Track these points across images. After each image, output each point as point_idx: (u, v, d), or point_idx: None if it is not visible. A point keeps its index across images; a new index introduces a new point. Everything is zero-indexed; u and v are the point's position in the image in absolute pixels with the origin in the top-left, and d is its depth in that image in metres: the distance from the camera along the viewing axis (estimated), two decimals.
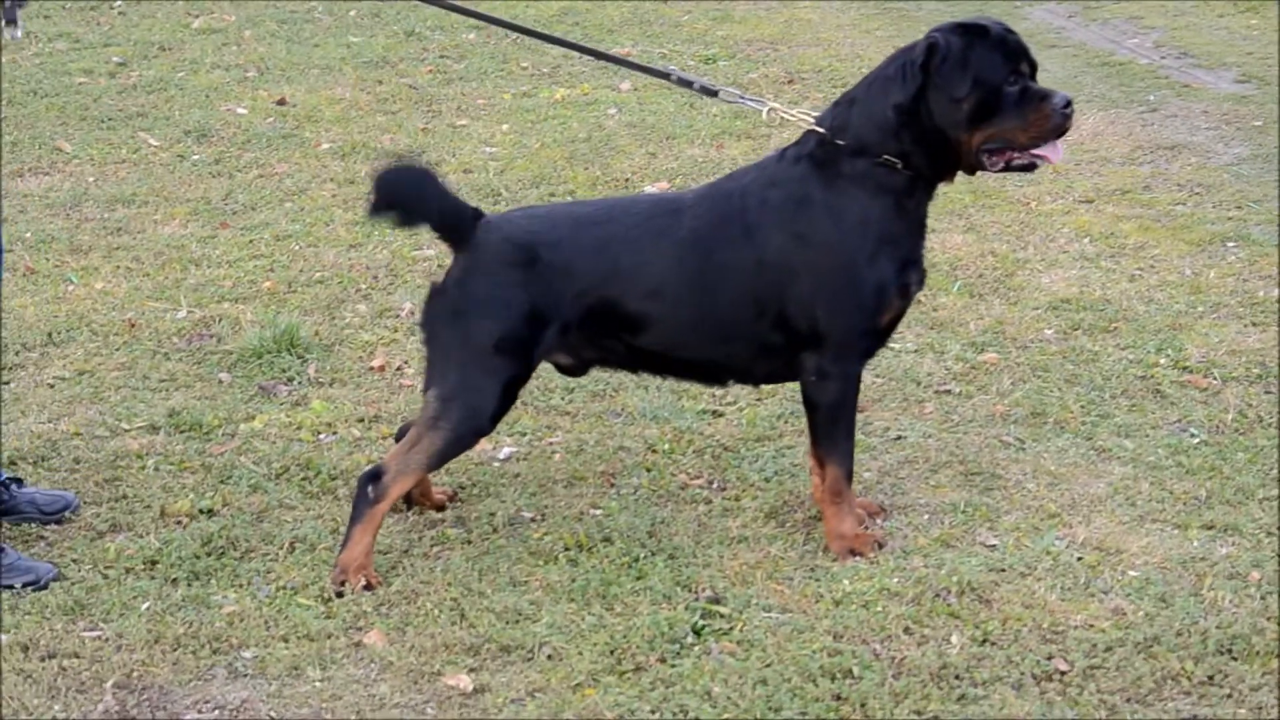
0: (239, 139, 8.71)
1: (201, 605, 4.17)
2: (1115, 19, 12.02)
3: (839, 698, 3.75)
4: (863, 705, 3.72)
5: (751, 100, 4.63)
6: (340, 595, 4.20)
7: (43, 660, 3.93)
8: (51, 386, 5.58)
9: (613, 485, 4.87)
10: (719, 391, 5.49)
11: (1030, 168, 4.35)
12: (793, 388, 5.48)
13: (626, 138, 8.59)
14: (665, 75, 4.82)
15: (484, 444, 5.10)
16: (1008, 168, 4.34)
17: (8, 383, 5.63)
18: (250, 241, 7.08)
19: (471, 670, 3.90)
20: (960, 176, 4.43)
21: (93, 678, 3.86)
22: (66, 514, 4.65)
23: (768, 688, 3.79)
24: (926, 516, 4.64)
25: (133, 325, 6.10)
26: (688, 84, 4.74)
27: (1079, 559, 4.34)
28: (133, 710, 3.74)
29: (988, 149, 4.29)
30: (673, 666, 3.89)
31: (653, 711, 3.72)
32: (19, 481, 4.72)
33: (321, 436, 5.18)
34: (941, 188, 4.45)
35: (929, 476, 4.89)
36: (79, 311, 6.24)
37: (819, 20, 12.08)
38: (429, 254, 6.77)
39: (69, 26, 11.29)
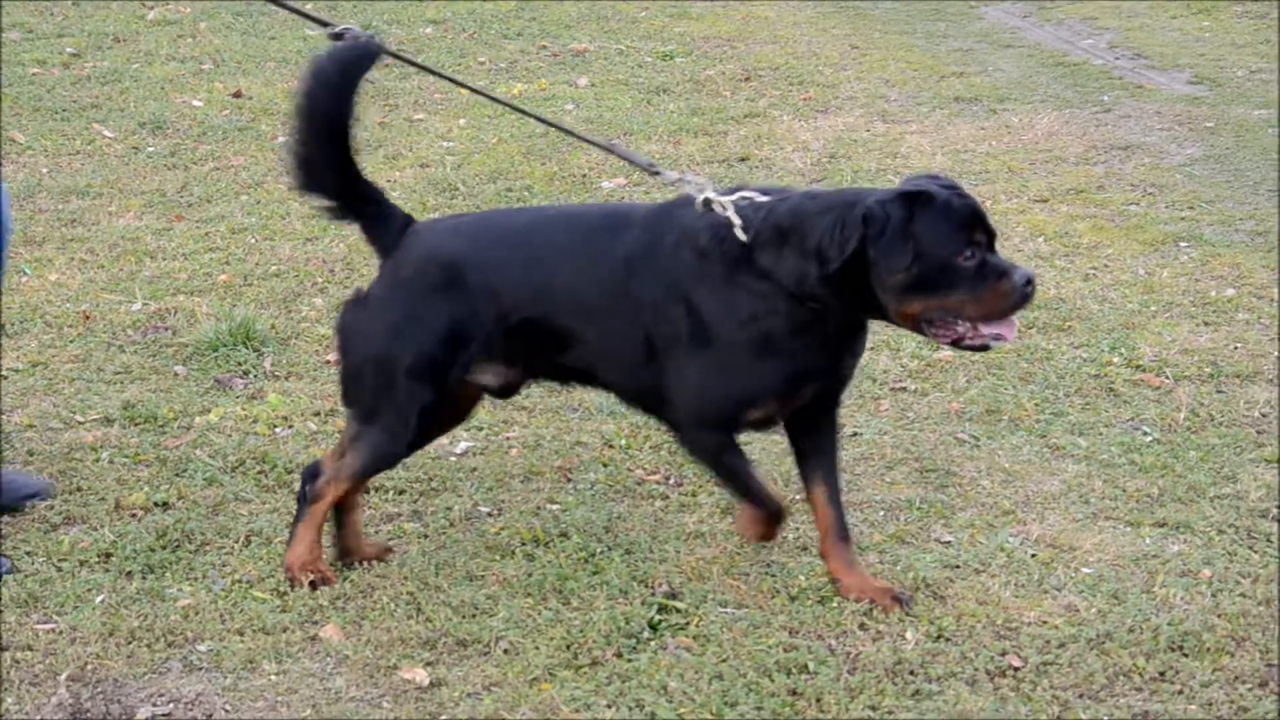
0: (194, 131, 8.68)
1: (156, 598, 4.16)
2: (1070, 19, 12.11)
3: (794, 693, 3.77)
4: (818, 700, 3.74)
5: (691, 183, 4.14)
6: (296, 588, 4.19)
7: None
8: (4, 378, 5.55)
9: (569, 480, 4.88)
10: None
11: (984, 349, 3.92)
12: None
13: (585, 130, 8.58)
14: (609, 149, 4.64)
15: (442, 439, 5.10)
16: (957, 345, 3.89)
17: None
18: (206, 234, 7.05)
19: (427, 664, 3.90)
20: None
21: (46, 671, 3.84)
22: (39, 499, 4.65)
23: (724, 682, 3.80)
24: (882, 513, 4.66)
25: (87, 317, 6.07)
26: (629, 160, 4.54)
27: (1033, 556, 4.37)
28: (87, 704, 3.72)
29: (928, 319, 3.87)
30: (629, 661, 3.89)
31: (609, 706, 3.72)
32: None
33: (277, 430, 5.17)
34: None
35: (884, 473, 4.91)
36: (33, 303, 6.20)
37: (776, 18, 12.12)
38: None
39: (22, 17, 11.21)
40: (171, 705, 3.73)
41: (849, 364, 4.14)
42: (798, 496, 4.48)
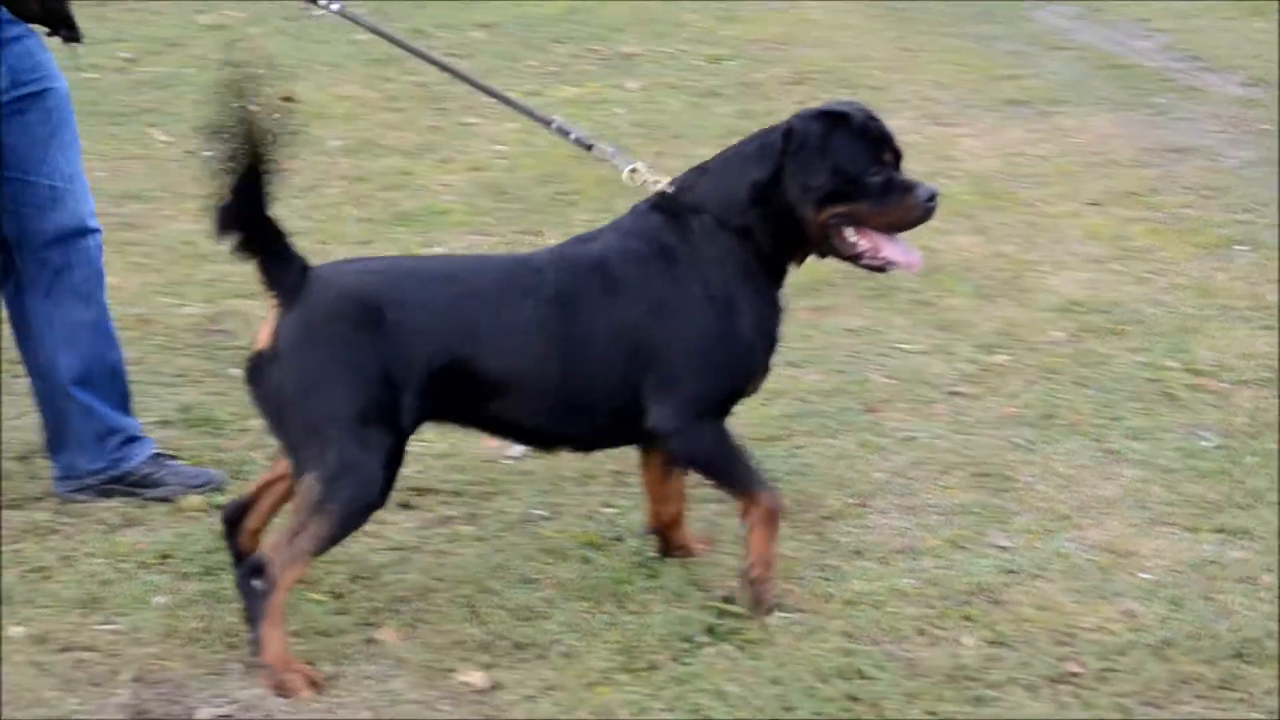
0: None
1: (215, 600, 4.17)
2: (1122, 21, 12.05)
3: (852, 698, 3.76)
4: (876, 706, 3.72)
5: (622, 160, 4.32)
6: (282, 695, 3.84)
7: (58, 653, 3.93)
8: None
9: (624, 484, 4.87)
10: None
11: (880, 269, 4.13)
12: (806, 387, 5.51)
13: (634, 137, 8.59)
14: (546, 123, 4.59)
15: (495, 442, 5.11)
16: (856, 260, 4.11)
17: (18, 377, 5.63)
18: None
19: (485, 667, 3.90)
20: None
21: (108, 671, 3.86)
22: (210, 487, 4.76)
23: (781, 687, 3.79)
24: (938, 518, 4.65)
25: (144, 320, 6.10)
26: (564, 134, 4.53)
27: (1091, 561, 4.35)
28: (148, 704, 3.74)
29: (835, 224, 4.06)
30: (686, 665, 3.89)
31: (666, 710, 3.72)
32: (169, 457, 4.88)
33: None
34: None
35: (940, 478, 4.90)
36: None
37: (825, 20, 12.10)
38: (437, 251, 6.78)
39: (78, 21, 11.27)
40: (231, 707, 3.75)
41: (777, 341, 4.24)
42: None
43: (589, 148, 4.49)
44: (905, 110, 9.42)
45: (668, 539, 4.44)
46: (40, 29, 4.66)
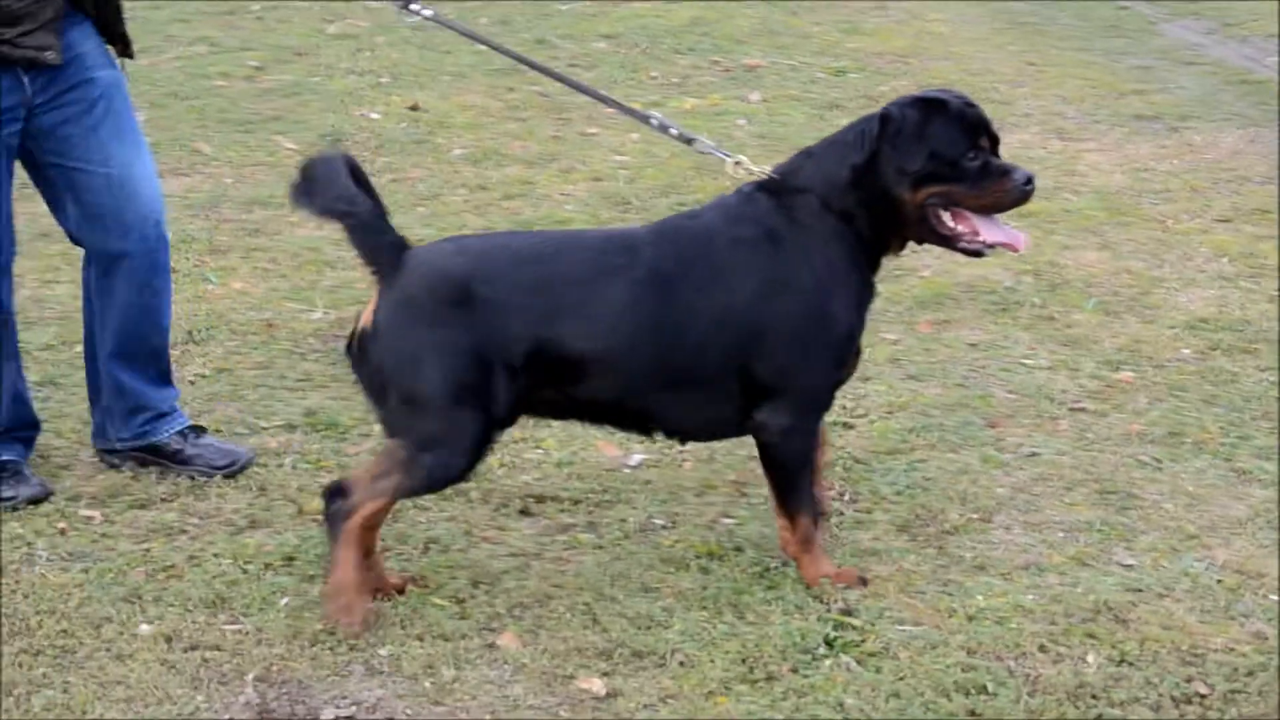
0: (372, 143, 8.82)
1: None
2: (1254, 37, 11.85)
3: (973, 713, 3.73)
4: None
5: (722, 152, 4.46)
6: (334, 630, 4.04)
7: (186, 652, 3.99)
8: (192, 383, 5.68)
9: (744, 495, 4.87)
10: (850, 404, 5.48)
11: (978, 254, 4.23)
12: (927, 401, 5.47)
13: (756, 149, 8.56)
14: (646, 119, 4.65)
15: (615, 450, 5.14)
16: (953, 243, 4.20)
17: None
18: None
19: (604, 674, 3.91)
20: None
21: (234, 670, 3.92)
22: (234, 468, 4.94)
23: (901, 701, 3.77)
24: (1061, 534, 4.60)
25: (270, 325, 6.19)
26: (665, 130, 4.59)
27: (1219, 581, 4.28)
28: (273, 704, 3.79)
29: (931, 204, 4.14)
30: (805, 677, 3.88)
31: None
32: (200, 430, 5.06)
33: None
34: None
35: (1064, 494, 4.84)
36: (218, 310, 6.35)
37: (950, 34, 12.01)
38: None
39: (207, 30, 11.48)
40: (354, 708, 3.79)
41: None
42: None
43: (690, 142, 4.57)
44: (1030, 125, 9.34)
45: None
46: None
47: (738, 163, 4.39)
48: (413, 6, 4.76)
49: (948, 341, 6.04)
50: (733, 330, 4.12)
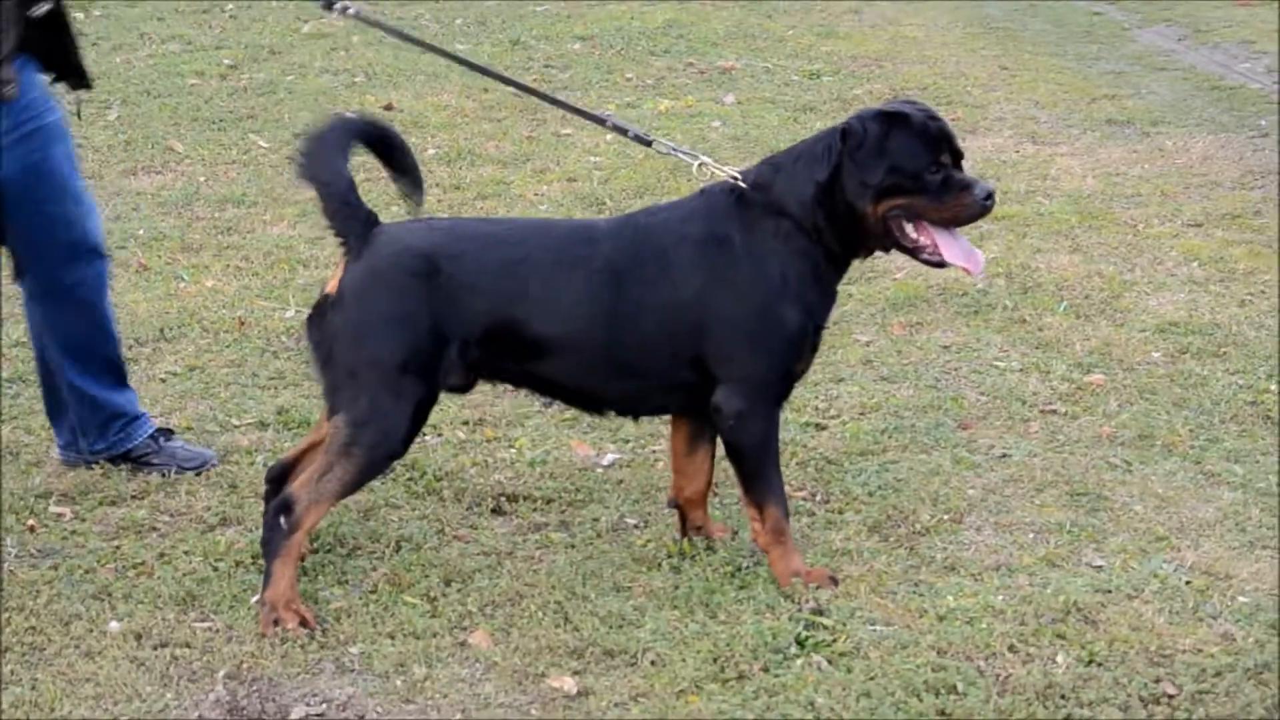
0: None
1: (309, 600, 4.21)
2: (1226, 43, 11.91)
3: (943, 713, 3.74)
4: None
5: (684, 153, 4.53)
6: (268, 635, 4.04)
7: (155, 649, 3.99)
8: (163, 381, 5.67)
9: (715, 495, 4.86)
10: (822, 404, 5.49)
11: (939, 265, 4.26)
12: (899, 402, 5.49)
13: (730, 150, 8.59)
14: (601, 121, 4.72)
15: (588, 449, 5.14)
16: (915, 254, 4.25)
17: None
18: None
19: (575, 673, 3.92)
20: None
21: (204, 668, 3.91)
22: (202, 470, 4.97)
23: (871, 700, 3.78)
24: (1031, 535, 4.61)
25: (242, 323, 6.18)
26: (622, 131, 4.66)
27: (1187, 583, 4.30)
28: (243, 701, 3.78)
29: (894, 217, 4.19)
30: (776, 676, 3.89)
31: None
32: (169, 433, 5.08)
33: (427, 438, 5.21)
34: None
35: (1034, 495, 4.86)
36: (190, 308, 6.33)
37: (924, 38, 12.05)
38: None
39: (182, 29, 11.47)
40: (324, 706, 3.78)
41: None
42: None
43: (649, 143, 4.62)
44: (1003, 129, 9.37)
45: (686, 516, 4.55)
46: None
47: (702, 164, 4.44)
48: (337, 6, 4.76)
49: (920, 343, 6.06)
50: (679, 324, 4.20)
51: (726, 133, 9.13)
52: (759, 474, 4.29)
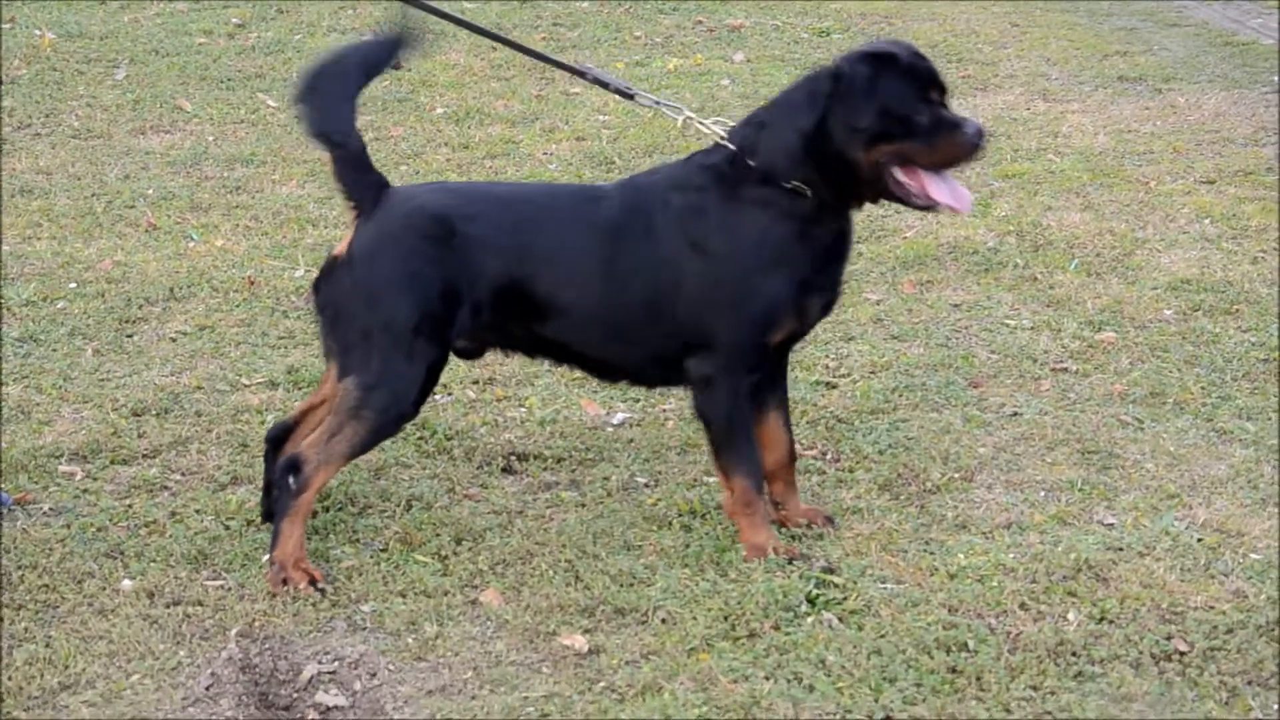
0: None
1: (320, 559, 4.22)
2: None
3: (954, 670, 3.74)
4: (978, 679, 3.70)
5: (668, 106, 4.49)
6: (278, 593, 4.05)
7: (168, 607, 4.00)
8: (173, 340, 5.67)
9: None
10: (832, 363, 5.49)
11: (928, 209, 4.17)
12: (910, 361, 5.48)
13: (740, 108, 8.54)
14: (582, 74, 4.65)
15: (598, 408, 5.14)
16: (905, 200, 4.15)
17: (131, 335, 5.73)
18: None
19: (586, 631, 3.92)
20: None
21: (216, 626, 3.92)
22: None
23: (882, 658, 3.78)
24: (1043, 494, 4.61)
25: (252, 283, 6.17)
26: (603, 84, 4.59)
27: (1199, 540, 4.29)
28: (255, 659, 3.79)
29: (885, 163, 4.10)
30: (787, 634, 3.89)
31: (767, 678, 3.72)
32: None
33: (437, 397, 5.21)
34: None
35: (1045, 454, 4.85)
36: (199, 268, 6.33)
37: None
38: None
39: None
40: (336, 663, 3.79)
41: (839, 278, 4.30)
42: None
43: (630, 97, 4.57)
44: (1014, 86, 9.33)
45: (769, 488, 4.41)
46: None
47: (686, 119, 4.41)
48: None
49: (931, 302, 6.04)
50: (659, 285, 4.17)
51: (736, 91, 9.10)
52: (726, 443, 4.25)
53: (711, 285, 4.14)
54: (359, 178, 4.19)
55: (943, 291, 6.16)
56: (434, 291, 4.11)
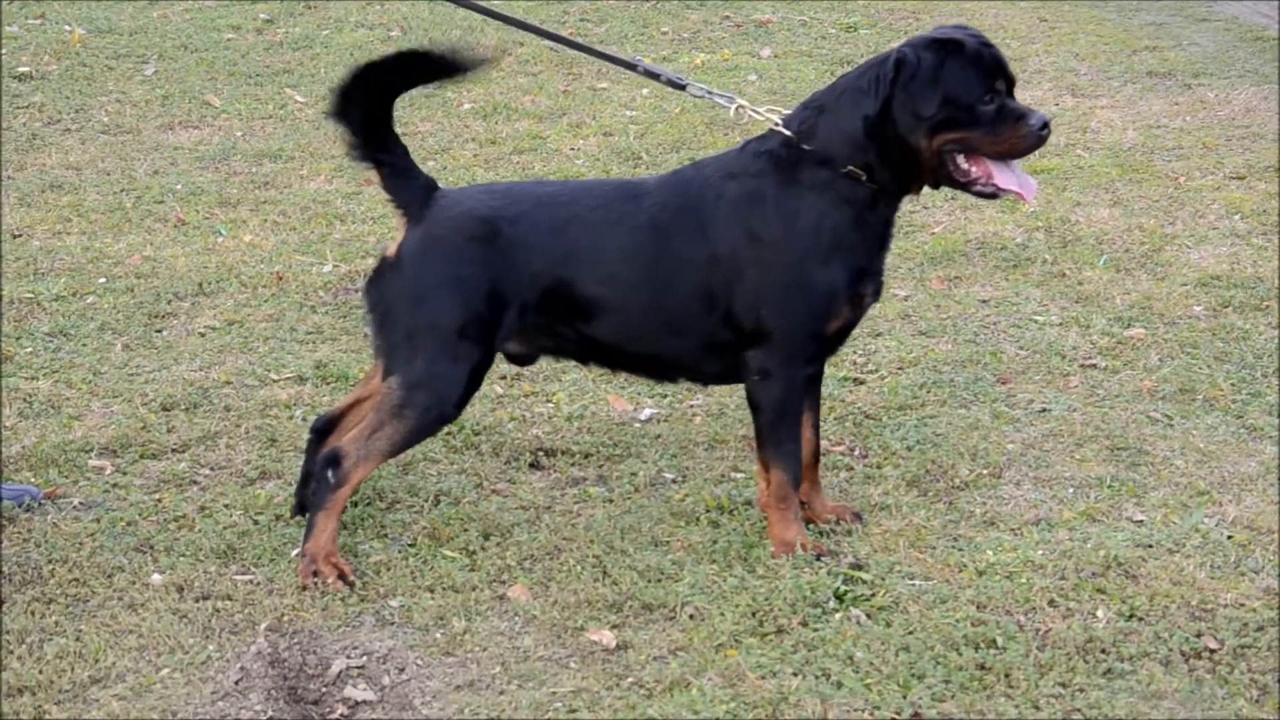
0: None
1: (349, 554, 4.23)
2: None
3: (983, 667, 3.73)
4: (1007, 676, 3.70)
5: (720, 96, 4.47)
6: (308, 588, 4.07)
7: (197, 601, 4.01)
8: (202, 335, 5.69)
9: (754, 449, 4.86)
10: (860, 359, 5.48)
11: (993, 196, 4.17)
12: (938, 357, 5.47)
13: (767, 103, 8.53)
14: (632, 66, 4.63)
15: (625, 404, 5.14)
16: (968, 187, 4.15)
17: (160, 330, 5.75)
18: None
19: (614, 627, 3.92)
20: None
21: (246, 620, 3.94)
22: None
23: (910, 655, 3.77)
24: (1071, 490, 4.59)
25: (280, 278, 6.19)
26: (654, 76, 4.57)
27: (1229, 537, 4.28)
28: (284, 653, 3.80)
29: (949, 151, 4.11)
30: (815, 630, 3.88)
31: (795, 674, 3.72)
32: None
33: None
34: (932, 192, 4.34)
35: (1074, 450, 4.83)
36: (228, 263, 6.34)
37: None
38: None
39: None
40: (365, 658, 3.80)
41: (882, 272, 4.30)
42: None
43: (683, 87, 4.55)
44: (1043, 81, 9.29)
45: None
46: None
47: (739, 107, 4.40)
48: None
49: (959, 298, 6.03)
50: (714, 279, 4.16)
51: (763, 86, 9.08)
52: (772, 434, 4.25)
53: (769, 272, 4.13)
54: (406, 184, 4.21)
55: (971, 287, 6.14)
56: (479, 293, 4.12)
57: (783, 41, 10.25)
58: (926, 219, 6.75)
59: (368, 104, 4.17)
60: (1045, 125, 4.12)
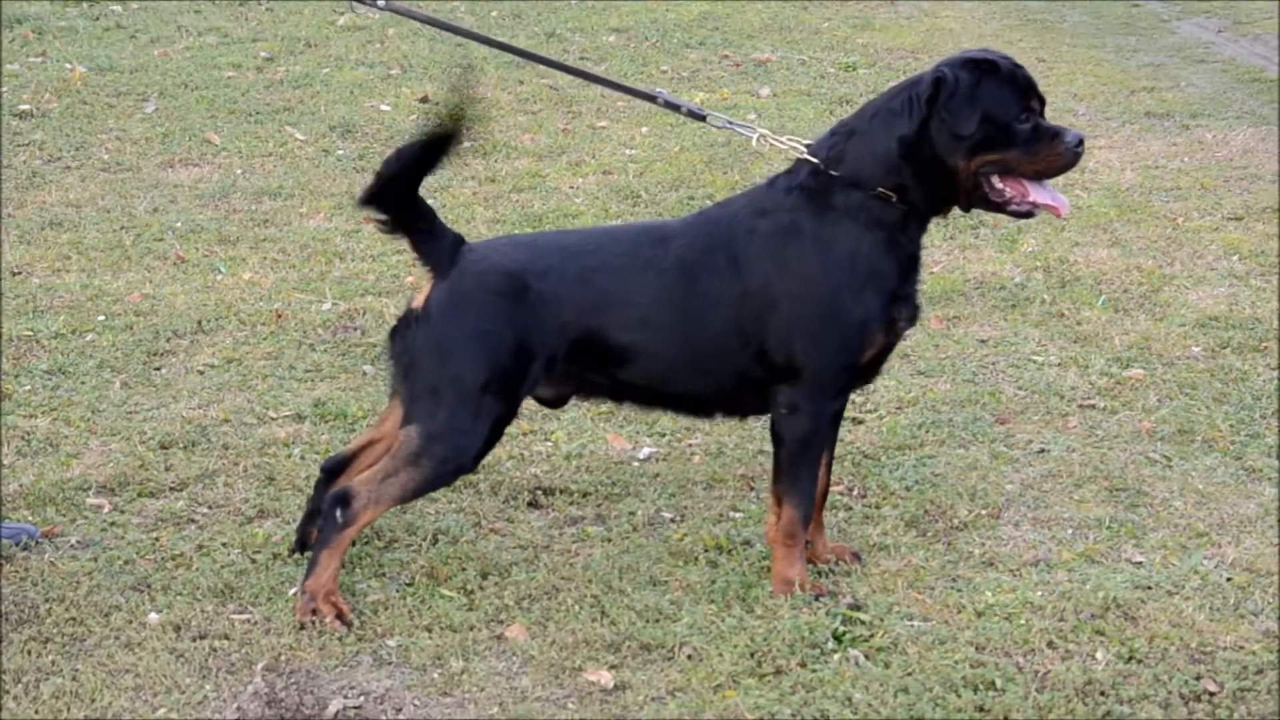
0: (382, 135, 8.82)
1: (347, 592, 4.22)
2: (1266, 35, 11.83)
3: (982, 709, 3.72)
4: (1006, 718, 3.69)
5: (741, 126, 4.49)
6: (305, 625, 4.06)
7: (194, 641, 4.00)
8: (201, 373, 5.69)
9: (752, 489, 4.87)
10: (859, 398, 5.48)
11: (1028, 215, 4.20)
12: (937, 396, 5.47)
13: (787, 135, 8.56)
14: (652, 98, 4.65)
15: (624, 443, 5.14)
16: (1002, 207, 4.19)
17: (159, 368, 5.75)
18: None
19: (612, 667, 3.91)
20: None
21: (242, 660, 3.92)
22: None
23: (909, 696, 3.76)
24: (1070, 531, 4.59)
25: (279, 316, 6.19)
26: (675, 107, 4.58)
27: (1228, 579, 4.27)
28: (281, 693, 3.79)
29: (985, 172, 4.14)
30: (813, 671, 3.87)
31: (793, 715, 3.71)
32: None
33: None
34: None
35: (1073, 491, 4.83)
36: (227, 301, 6.35)
37: (961, 30, 12.01)
38: None
39: (218, 21, 11.49)
40: (362, 699, 3.79)
41: (915, 295, 4.31)
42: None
43: (703, 118, 4.56)
44: None
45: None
46: None
47: (761, 136, 4.42)
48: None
49: (957, 337, 6.04)
50: (745, 316, 4.16)
51: (762, 125, 9.09)
52: (792, 469, 4.24)
53: (802, 304, 4.13)
54: (435, 244, 4.20)
55: (969, 327, 6.15)
56: (505, 349, 4.12)
57: (782, 81, 10.29)
58: (925, 258, 6.74)
59: (399, 194, 4.18)
60: (1080, 142, 4.17)
